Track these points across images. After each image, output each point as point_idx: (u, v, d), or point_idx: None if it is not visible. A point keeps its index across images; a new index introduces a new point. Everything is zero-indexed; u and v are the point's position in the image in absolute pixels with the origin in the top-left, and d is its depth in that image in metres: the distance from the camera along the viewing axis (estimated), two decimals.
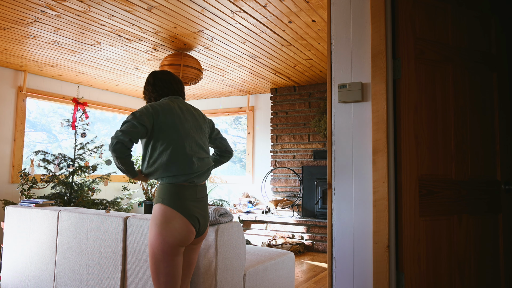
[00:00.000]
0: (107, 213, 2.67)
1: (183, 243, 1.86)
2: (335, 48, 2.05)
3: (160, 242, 1.83)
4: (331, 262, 1.98)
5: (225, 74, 5.31)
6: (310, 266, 4.39)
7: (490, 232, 2.11)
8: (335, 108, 2.03)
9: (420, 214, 1.89)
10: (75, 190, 4.63)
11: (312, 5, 3.19)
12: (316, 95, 5.85)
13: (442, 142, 2.00)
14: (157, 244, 1.84)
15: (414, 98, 1.93)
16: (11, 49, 4.34)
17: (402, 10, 1.95)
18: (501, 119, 2.22)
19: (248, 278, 2.43)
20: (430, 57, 2.00)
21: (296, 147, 5.92)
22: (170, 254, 1.84)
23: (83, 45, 4.18)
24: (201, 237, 2.01)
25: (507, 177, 2.21)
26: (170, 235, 1.83)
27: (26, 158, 5.16)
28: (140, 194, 6.80)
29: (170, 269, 1.85)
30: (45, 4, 3.17)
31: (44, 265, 2.87)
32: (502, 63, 2.26)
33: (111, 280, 2.51)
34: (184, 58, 4.17)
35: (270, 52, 4.37)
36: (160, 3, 3.15)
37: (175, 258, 1.86)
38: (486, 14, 2.23)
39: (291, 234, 5.46)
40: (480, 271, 2.05)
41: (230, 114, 6.79)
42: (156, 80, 2.14)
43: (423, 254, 1.89)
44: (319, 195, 5.58)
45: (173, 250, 1.84)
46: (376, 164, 1.86)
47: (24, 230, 3.02)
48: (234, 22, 3.54)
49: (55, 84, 5.65)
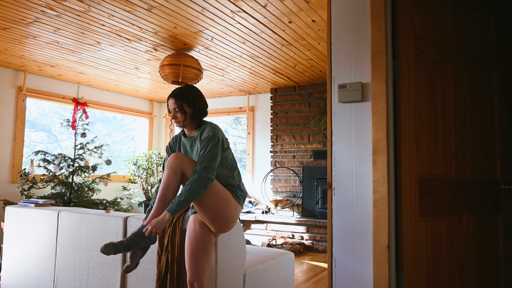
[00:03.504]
0: (107, 213, 2.67)
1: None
2: (335, 48, 2.05)
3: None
4: (331, 262, 1.98)
5: (225, 74, 5.31)
6: (310, 266, 4.39)
7: (490, 232, 2.11)
8: (335, 108, 2.03)
9: (420, 214, 1.89)
10: (75, 190, 4.63)
11: (312, 5, 3.19)
12: (316, 95, 5.85)
13: (442, 142, 2.00)
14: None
15: (414, 98, 1.93)
16: (11, 49, 4.34)
17: (402, 10, 1.95)
18: (501, 119, 2.21)
19: (248, 278, 2.43)
20: (430, 57, 2.00)
21: (296, 147, 5.92)
22: None
23: (83, 45, 4.18)
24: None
25: (507, 177, 2.21)
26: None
27: (26, 158, 5.16)
28: (140, 194, 6.80)
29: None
30: (45, 4, 3.17)
31: (44, 265, 2.87)
32: (503, 63, 2.26)
33: (111, 280, 2.51)
34: (184, 58, 4.17)
35: (270, 52, 4.36)
36: (160, 3, 3.15)
37: None
38: (486, 14, 2.23)
39: (291, 234, 5.46)
40: (480, 271, 2.05)
41: (230, 114, 6.79)
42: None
43: (423, 254, 1.89)
44: (319, 195, 5.58)
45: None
46: (376, 164, 1.86)
47: (24, 230, 3.02)
48: (234, 22, 3.54)
49: (55, 84, 5.65)
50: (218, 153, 2.08)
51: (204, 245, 2.08)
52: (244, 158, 6.65)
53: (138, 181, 6.32)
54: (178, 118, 2.20)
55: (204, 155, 2.05)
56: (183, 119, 2.19)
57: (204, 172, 2.01)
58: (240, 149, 6.80)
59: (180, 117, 2.19)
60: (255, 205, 6.24)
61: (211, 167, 2.03)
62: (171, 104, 2.21)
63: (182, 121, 2.20)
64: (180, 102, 2.18)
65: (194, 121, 2.22)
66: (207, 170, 2.01)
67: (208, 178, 2.01)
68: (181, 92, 2.21)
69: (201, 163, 2.03)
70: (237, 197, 2.19)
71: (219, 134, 2.14)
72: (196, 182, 1.99)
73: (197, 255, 2.07)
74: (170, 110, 2.23)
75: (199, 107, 2.22)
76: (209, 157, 2.04)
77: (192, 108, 2.20)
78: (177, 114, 2.19)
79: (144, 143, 7.17)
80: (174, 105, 2.19)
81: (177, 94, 2.20)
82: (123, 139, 7.25)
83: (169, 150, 2.37)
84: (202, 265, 2.07)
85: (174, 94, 2.21)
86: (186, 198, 1.97)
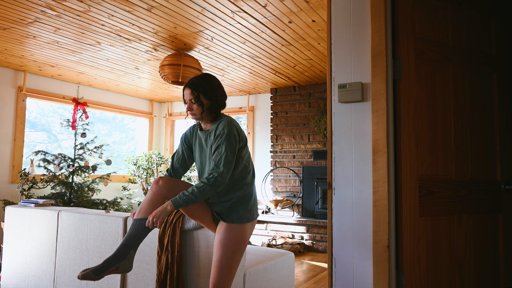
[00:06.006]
0: (107, 213, 2.67)
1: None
2: (335, 48, 2.05)
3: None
4: (331, 262, 1.98)
5: (225, 74, 5.31)
6: (310, 266, 4.39)
7: (490, 232, 2.11)
8: (335, 108, 2.03)
9: (420, 214, 1.89)
10: (75, 190, 4.63)
11: (312, 5, 3.19)
12: (316, 95, 5.85)
13: (442, 142, 2.00)
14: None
15: (414, 98, 1.93)
16: (11, 49, 4.35)
17: (402, 10, 1.95)
18: (501, 119, 2.21)
19: (248, 278, 2.42)
20: (430, 57, 2.00)
21: (296, 147, 5.92)
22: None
23: (83, 45, 4.18)
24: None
25: (507, 177, 2.21)
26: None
27: (26, 158, 5.16)
28: (140, 194, 6.80)
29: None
30: (45, 4, 3.17)
31: (44, 265, 2.87)
32: (502, 63, 2.26)
33: (111, 280, 2.52)
34: (184, 58, 4.17)
35: (270, 52, 4.37)
36: (160, 3, 3.15)
37: None
38: (486, 14, 2.23)
39: (291, 234, 5.47)
40: (480, 271, 2.05)
41: (230, 114, 6.79)
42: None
43: (423, 254, 1.89)
44: (319, 195, 5.58)
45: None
46: (376, 164, 1.86)
47: (24, 230, 3.02)
48: (234, 22, 3.54)
49: (55, 84, 5.65)
50: (234, 153, 1.95)
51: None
52: None
53: (138, 181, 6.32)
54: (194, 110, 2.02)
55: (220, 156, 1.92)
56: (200, 111, 2.02)
57: (219, 177, 1.89)
58: None
59: (196, 109, 2.02)
60: None
61: (226, 171, 1.91)
62: (187, 94, 2.03)
63: (199, 114, 2.02)
64: (197, 93, 1.99)
65: (211, 114, 2.04)
66: (222, 175, 1.89)
67: (222, 183, 1.90)
68: (198, 82, 2.02)
69: (215, 167, 1.91)
70: (252, 218, 2.09)
71: (235, 130, 1.97)
72: (210, 186, 1.88)
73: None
74: (186, 101, 2.05)
75: (216, 98, 2.03)
76: (224, 159, 1.91)
77: (210, 99, 2.02)
78: (193, 106, 2.02)
79: (144, 143, 7.17)
80: (190, 96, 2.01)
81: (193, 84, 2.02)
82: (123, 139, 7.25)
83: (184, 141, 2.21)
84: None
85: (190, 84, 2.03)
86: (196, 197, 1.87)
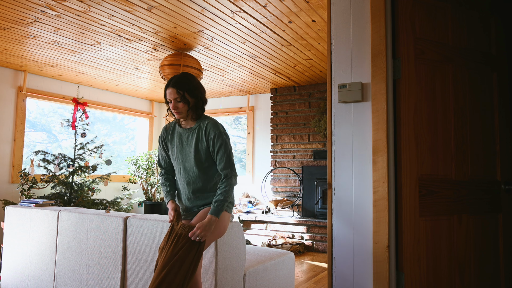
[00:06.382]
0: (107, 213, 2.67)
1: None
2: (335, 48, 2.05)
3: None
4: (331, 262, 1.98)
5: (225, 74, 5.31)
6: (310, 266, 4.39)
7: (490, 232, 2.11)
8: (335, 108, 2.03)
9: (420, 214, 1.89)
10: (75, 190, 4.63)
11: (312, 5, 3.19)
12: (316, 95, 5.85)
13: (442, 142, 2.00)
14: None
15: (414, 98, 1.93)
16: (11, 49, 4.34)
17: (402, 10, 1.95)
18: (501, 119, 2.21)
19: (248, 278, 2.42)
20: (430, 57, 2.00)
21: (296, 147, 5.92)
22: None
23: (83, 45, 4.18)
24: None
25: (507, 177, 2.21)
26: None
27: (26, 158, 5.16)
28: (140, 194, 6.80)
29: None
30: (45, 4, 3.17)
31: (44, 265, 2.87)
32: (502, 63, 2.26)
33: (111, 280, 2.51)
34: (184, 58, 4.17)
35: (270, 52, 4.37)
36: (160, 3, 3.15)
37: None
38: (486, 14, 2.23)
39: (291, 234, 5.46)
40: (480, 271, 2.05)
41: (230, 114, 6.79)
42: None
43: (423, 254, 1.89)
44: (319, 195, 5.58)
45: None
46: (376, 164, 1.86)
47: (24, 230, 3.02)
48: (234, 22, 3.54)
49: (55, 84, 5.65)
50: (231, 149, 2.12)
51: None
52: (244, 158, 6.65)
53: (138, 181, 6.31)
54: (180, 109, 2.05)
55: (226, 156, 2.07)
56: (186, 109, 2.06)
57: (232, 173, 2.08)
58: (240, 149, 6.80)
59: (182, 107, 2.05)
60: (255, 205, 6.24)
61: (234, 167, 2.11)
62: (171, 94, 2.04)
63: (185, 112, 2.07)
64: (182, 92, 2.02)
65: (197, 111, 2.10)
66: (233, 171, 2.09)
67: (235, 176, 2.10)
68: (181, 81, 2.05)
69: (225, 168, 2.07)
70: (228, 209, 2.15)
71: (222, 129, 2.11)
72: (230, 185, 2.06)
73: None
74: (169, 101, 2.07)
75: (201, 96, 2.11)
76: (229, 158, 2.08)
77: (195, 97, 2.07)
78: (178, 105, 2.04)
79: (144, 143, 7.17)
80: (175, 95, 2.02)
81: (178, 83, 2.04)
82: (123, 139, 7.25)
83: (161, 143, 2.27)
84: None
85: (174, 83, 2.04)
86: (225, 198, 2.03)
